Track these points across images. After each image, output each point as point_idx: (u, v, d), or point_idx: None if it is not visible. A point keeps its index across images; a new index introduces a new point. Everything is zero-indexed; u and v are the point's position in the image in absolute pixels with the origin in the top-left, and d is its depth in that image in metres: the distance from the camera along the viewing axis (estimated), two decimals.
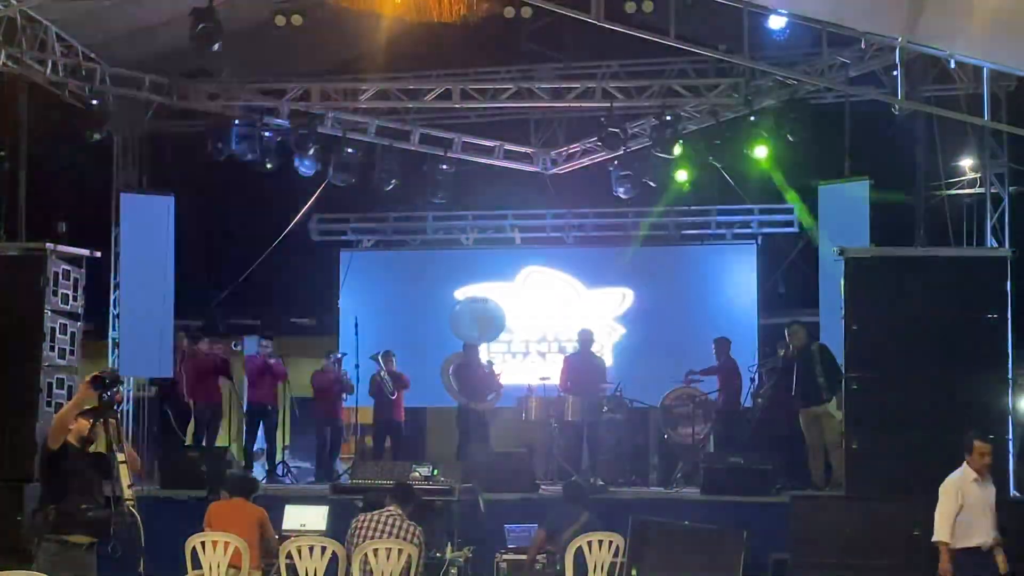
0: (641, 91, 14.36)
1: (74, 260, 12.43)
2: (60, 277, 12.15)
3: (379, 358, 14.83)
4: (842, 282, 11.85)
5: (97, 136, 13.68)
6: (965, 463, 9.11)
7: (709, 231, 16.74)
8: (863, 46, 12.50)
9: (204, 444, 14.21)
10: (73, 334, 12.34)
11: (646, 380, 14.90)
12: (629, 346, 16.53)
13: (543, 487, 12.90)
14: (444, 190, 15.49)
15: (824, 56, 12.40)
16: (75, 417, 8.20)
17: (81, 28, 13.38)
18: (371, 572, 9.18)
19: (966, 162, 14.68)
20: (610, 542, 9.83)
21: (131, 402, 14.51)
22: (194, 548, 9.37)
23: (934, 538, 8.82)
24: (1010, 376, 11.51)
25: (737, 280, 16.41)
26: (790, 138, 13.64)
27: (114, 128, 14.32)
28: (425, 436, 15.84)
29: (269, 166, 14.67)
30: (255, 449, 14.83)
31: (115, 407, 8.39)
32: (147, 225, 14.82)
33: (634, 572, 10.09)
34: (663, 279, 16.67)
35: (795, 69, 12.84)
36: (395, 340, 15.83)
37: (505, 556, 10.68)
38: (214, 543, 9.34)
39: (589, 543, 9.77)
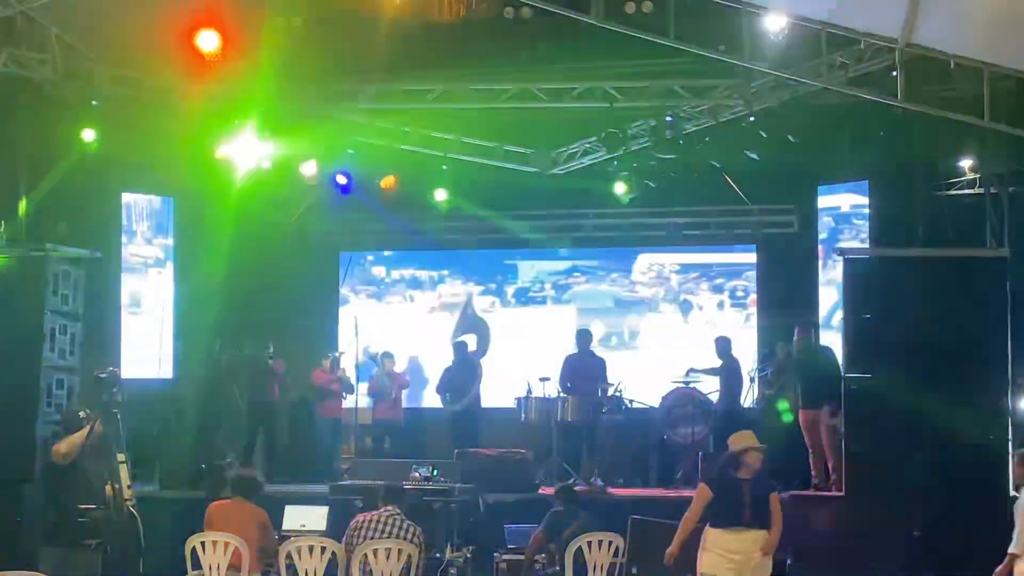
0: (641, 91, 14.35)
1: (74, 261, 12.43)
2: (60, 278, 12.15)
3: (378, 358, 14.84)
4: (841, 282, 11.85)
5: (97, 136, 13.66)
6: None
7: (709, 231, 16.72)
8: (863, 46, 12.50)
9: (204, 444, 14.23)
10: (73, 334, 12.35)
11: (646, 380, 14.91)
12: (629, 346, 16.54)
13: (543, 488, 12.91)
14: (444, 190, 15.47)
15: (824, 56, 12.39)
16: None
17: (81, 28, 13.37)
18: (371, 572, 9.18)
19: (966, 162, 14.68)
20: (610, 542, 9.84)
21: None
22: (194, 548, 9.37)
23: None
24: (1010, 376, 11.51)
25: (737, 280, 16.42)
26: (790, 138, 13.62)
27: (114, 128, 14.29)
28: (425, 436, 15.83)
29: (269, 166, 14.66)
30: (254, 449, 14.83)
31: (115, 408, 8.43)
32: (147, 225, 14.85)
33: (634, 572, 10.10)
34: (663, 279, 16.68)
35: (794, 69, 12.82)
36: (394, 340, 15.87)
37: (505, 556, 10.69)
38: (214, 543, 9.34)
39: (588, 543, 9.78)
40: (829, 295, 14.57)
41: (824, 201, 15.03)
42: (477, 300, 16.88)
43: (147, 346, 14.81)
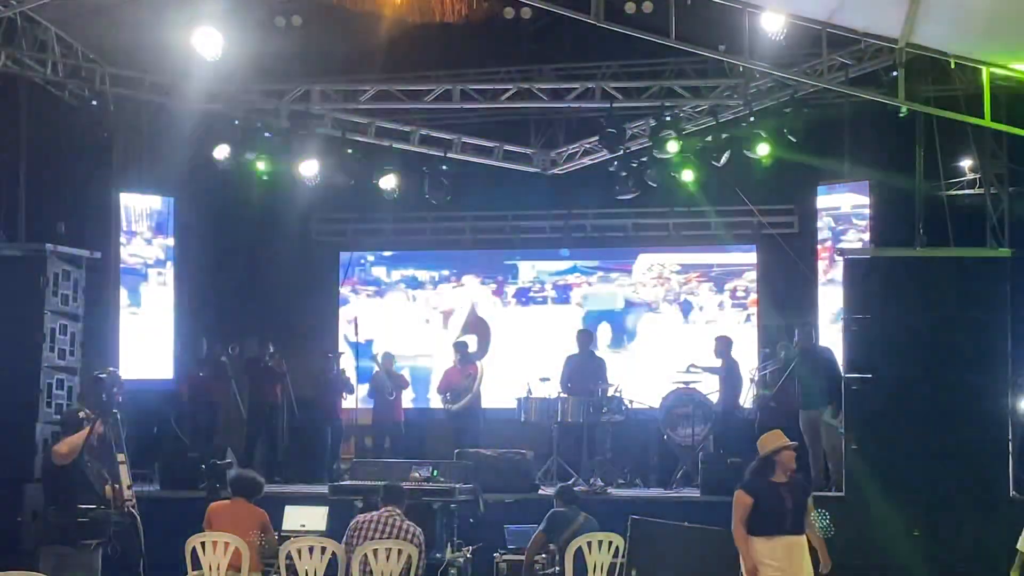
0: (641, 91, 14.36)
1: (74, 261, 12.44)
2: (60, 278, 12.15)
3: (378, 359, 14.84)
4: (841, 282, 11.85)
5: (97, 136, 13.67)
6: None
7: (709, 231, 16.71)
8: (863, 46, 12.51)
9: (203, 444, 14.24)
10: (73, 334, 12.34)
11: (646, 380, 14.91)
12: (629, 346, 16.54)
13: (543, 488, 12.91)
14: (444, 191, 15.44)
15: (824, 57, 12.41)
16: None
17: (81, 28, 13.38)
18: (371, 573, 9.18)
19: (966, 162, 14.69)
20: (610, 542, 9.83)
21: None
22: (194, 548, 9.37)
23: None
24: (1010, 376, 11.51)
25: (737, 280, 16.42)
26: (790, 138, 13.62)
27: (114, 128, 14.31)
28: (425, 436, 15.84)
29: (269, 166, 14.66)
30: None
31: (114, 408, 8.43)
32: (147, 225, 14.87)
33: (634, 572, 10.10)
34: (663, 279, 16.67)
35: (794, 69, 12.82)
36: (394, 340, 15.87)
37: (505, 556, 10.69)
38: (214, 543, 9.34)
39: (589, 544, 9.78)
40: (829, 295, 14.57)
41: (824, 201, 15.03)
42: (483, 301, 16.87)
43: (147, 346, 14.82)
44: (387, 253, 17.42)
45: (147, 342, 14.85)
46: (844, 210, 14.79)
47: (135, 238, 14.96)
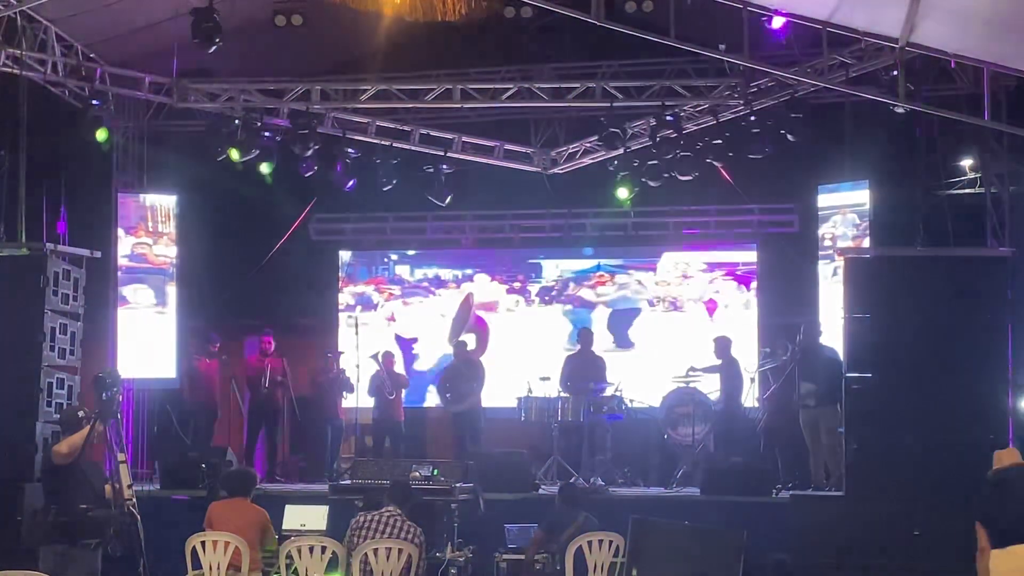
0: (641, 91, 14.35)
1: (74, 260, 12.44)
2: (60, 277, 12.15)
3: (379, 358, 14.84)
4: (842, 282, 11.85)
5: (97, 136, 13.68)
6: None
7: (709, 231, 16.68)
8: (863, 46, 12.50)
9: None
10: (73, 334, 12.34)
11: (646, 380, 14.90)
12: (629, 346, 16.52)
13: (543, 487, 12.91)
14: (444, 190, 15.41)
15: (824, 56, 12.41)
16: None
17: (81, 28, 13.39)
18: (371, 572, 9.19)
19: (966, 162, 14.69)
20: (610, 542, 9.84)
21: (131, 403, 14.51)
22: (194, 548, 9.38)
23: None
24: (1010, 376, 11.50)
25: (737, 280, 16.40)
26: (790, 138, 13.62)
27: (114, 128, 14.31)
28: (425, 436, 15.85)
29: (270, 166, 14.65)
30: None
31: (115, 408, 8.44)
32: (149, 225, 14.89)
33: (634, 572, 10.10)
34: (687, 277, 16.62)
35: (794, 69, 12.82)
36: (394, 340, 15.87)
37: (505, 556, 10.69)
38: (214, 543, 9.34)
39: (589, 543, 9.79)
40: (829, 295, 14.57)
41: (824, 201, 15.02)
42: (503, 299, 16.80)
43: (149, 346, 14.81)
44: (411, 252, 17.35)
45: (149, 342, 14.85)
46: (845, 210, 14.76)
47: (137, 237, 14.96)
